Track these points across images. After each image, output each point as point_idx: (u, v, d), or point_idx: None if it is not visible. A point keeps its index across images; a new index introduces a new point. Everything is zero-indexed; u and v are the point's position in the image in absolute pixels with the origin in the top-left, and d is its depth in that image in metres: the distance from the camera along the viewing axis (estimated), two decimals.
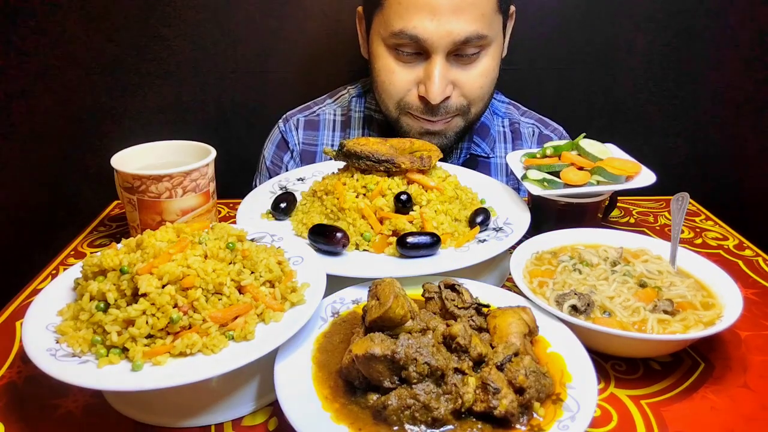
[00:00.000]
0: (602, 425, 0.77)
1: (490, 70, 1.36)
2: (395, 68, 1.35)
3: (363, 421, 0.69)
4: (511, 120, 1.62)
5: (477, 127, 1.55)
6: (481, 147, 1.56)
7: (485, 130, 1.57)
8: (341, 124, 1.59)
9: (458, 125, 1.41)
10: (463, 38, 1.26)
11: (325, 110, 1.61)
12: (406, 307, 0.76)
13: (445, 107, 1.36)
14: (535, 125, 1.62)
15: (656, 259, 1.03)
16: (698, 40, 1.89)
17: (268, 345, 0.73)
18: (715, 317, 0.88)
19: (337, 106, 1.61)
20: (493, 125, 1.59)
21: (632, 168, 1.15)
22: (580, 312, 0.88)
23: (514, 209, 1.16)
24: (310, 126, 1.60)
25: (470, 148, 1.56)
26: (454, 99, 1.36)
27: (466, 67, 1.34)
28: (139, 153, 1.16)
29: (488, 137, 1.57)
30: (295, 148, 1.59)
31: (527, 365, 0.72)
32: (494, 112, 1.62)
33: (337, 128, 1.59)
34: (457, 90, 1.35)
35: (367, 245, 1.02)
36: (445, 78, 1.31)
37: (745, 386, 0.84)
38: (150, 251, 0.80)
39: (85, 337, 0.73)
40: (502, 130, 1.61)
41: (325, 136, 1.59)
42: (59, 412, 0.78)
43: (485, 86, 1.38)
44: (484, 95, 1.39)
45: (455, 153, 1.55)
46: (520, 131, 1.61)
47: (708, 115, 1.98)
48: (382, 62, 1.37)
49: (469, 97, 1.37)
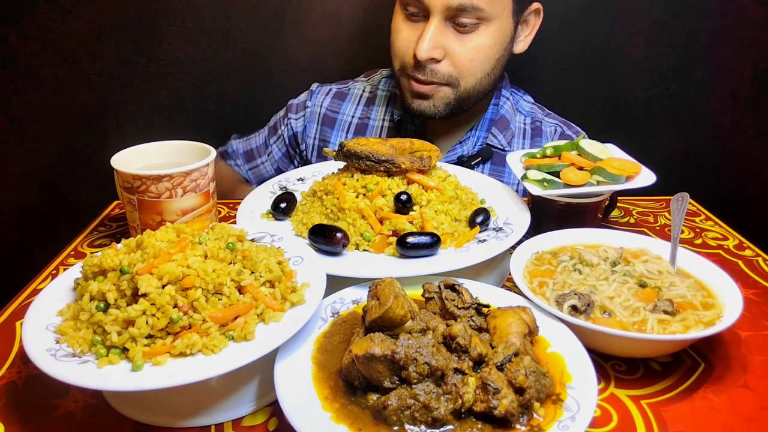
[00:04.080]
0: (602, 425, 0.77)
1: (485, 47, 1.40)
2: (401, 27, 1.44)
3: (363, 421, 0.69)
4: (533, 118, 1.64)
5: (497, 119, 1.58)
6: (498, 139, 1.57)
7: (505, 123, 1.59)
8: (366, 100, 1.68)
9: (447, 95, 1.44)
10: (456, 3, 1.32)
11: (356, 86, 1.71)
12: (406, 307, 0.76)
13: (432, 70, 1.40)
14: (558, 125, 1.63)
15: (656, 259, 1.03)
16: (698, 41, 1.89)
17: (268, 345, 0.73)
18: (715, 317, 0.88)
19: (368, 84, 1.70)
20: (514, 120, 1.61)
21: (632, 168, 1.15)
22: (580, 312, 0.88)
23: (514, 209, 1.16)
24: (338, 96, 1.69)
25: (487, 138, 1.57)
26: (444, 66, 1.40)
27: (461, 37, 1.38)
28: (139, 153, 1.16)
29: (507, 131, 1.59)
30: (313, 109, 1.67)
31: (527, 365, 0.72)
32: (518, 110, 1.64)
33: (362, 103, 1.67)
34: (448, 59, 1.40)
35: (367, 245, 1.02)
36: (435, 39, 1.36)
37: (745, 386, 0.84)
38: (150, 251, 0.80)
39: (85, 337, 0.73)
40: (522, 126, 1.62)
41: (348, 108, 1.67)
42: (59, 412, 0.78)
43: (476, 61, 1.41)
44: (475, 71, 1.42)
45: (471, 141, 1.57)
46: (542, 129, 1.62)
47: (708, 116, 1.98)
48: (394, 23, 1.47)
49: (458, 67, 1.41)
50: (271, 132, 1.74)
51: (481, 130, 1.57)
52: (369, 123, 1.65)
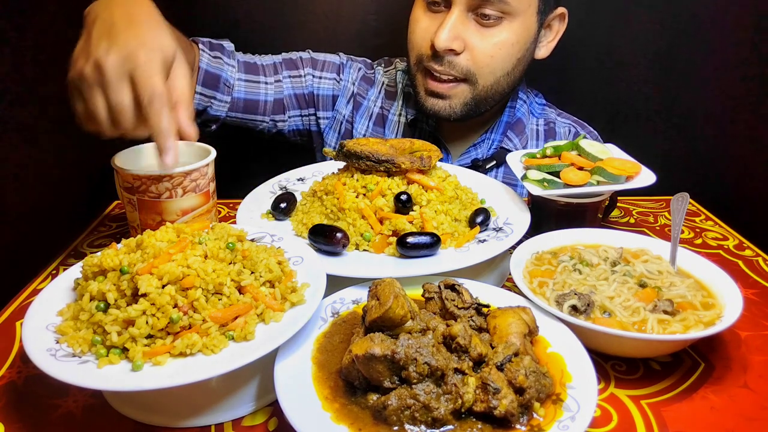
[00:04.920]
0: (602, 425, 0.77)
1: (507, 43, 1.36)
2: (421, 18, 1.40)
3: (363, 421, 0.69)
4: (546, 119, 1.62)
5: (513, 123, 1.56)
6: (513, 142, 1.56)
7: (520, 127, 1.57)
8: (386, 92, 1.63)
9: (465, 94, 1.41)
10: None
11: (379, 71, 1.66)
12: (406, 307, 0.76)
13: (450, 62, 1.36)
14: (571, 125, 1.62)
15: (656, 259, 1.03)
16: (698, 41, 1.89)
17: (268, 345, 0.73)
18: (715, 317, 0.88)
19: (386, 77, 1.66)
20: (528, 123, 1.59)
21: (632, 168, 1.15)
22: (580, 312, 0.88)
23: (514, 209, 1.16)
24: (366, 80, 1.64)
25: (502, 141, 1.56)
26: (462, 60, 1.36)
27: (483, 31, 1.35)
28: (139, 153, 1.16)
29: (522, 135, 1.57)
30: (346, 84, 1.62)
31: (527, 365, 0.72)
32: (531, 112, 1.62)
33: (383, 93, 1.63)
34: (468, 53, 1.36)
35: (367, 245, 1.02)
36: (456, 28, 1.32)
37: (745, 386, 0.85)
38: (150, 251, 0.80)
39: (85, 338, 0.73)
40: (535, 128, 1.60)
41: (373, 94, 1.63)
42: (59, 412, 0.78)
43: (497, 58, 1.37)
44: (494, 68, 1.38)
45: (485, 144, 1.55)
46: (556, 130, 1.60)
47: (708, 116, 1.98)
48: (413, 13, 1.43)
49: (477, 62, 1.37)
50: (288, 64, 1.58)
51: (496, 133, 1.55)
52: (389, 116, 1.61)
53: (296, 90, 1.58)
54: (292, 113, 1.60)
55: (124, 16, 0.94)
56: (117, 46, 0.88)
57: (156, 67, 0.89)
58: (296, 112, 1.61)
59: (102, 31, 0.92)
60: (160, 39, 0.93)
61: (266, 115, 1.55)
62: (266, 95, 1.53)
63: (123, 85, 0.88)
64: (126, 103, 0.88)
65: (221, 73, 1.45)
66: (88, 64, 0.89)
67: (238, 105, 1.50)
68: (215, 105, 1.47)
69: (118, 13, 0.94)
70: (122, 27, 0.92)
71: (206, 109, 1.46)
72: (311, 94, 1.60)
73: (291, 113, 1.60)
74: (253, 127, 1.57)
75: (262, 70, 1.54)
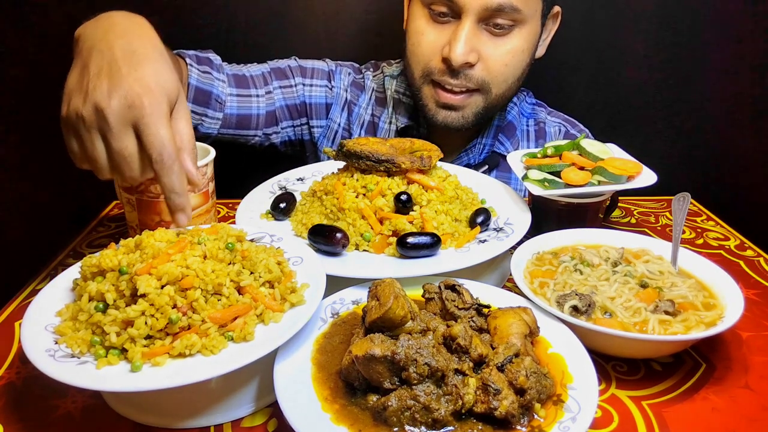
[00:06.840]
0: (603, 426, 0.76)
1: (519, 50, 1.35)
2: (425, 30, 1.35)
3: (363, 422, 0.69)
4: (536, 119, 1.61)
5: (504, 126, 1.55)
6: (505, 146, 1.55)
7: (512, 130, 1.56)
8: (377, 100, 1.60)
9: (478, 104, 1.39)
10: (496, 4, 1.25)
11: (368, 75, 1.63)
12: (406, 307, 0.75)
13: (465, 75, 1.34)
14: (561, 124, 1.61)
15: (657, 260, 1.03)
16: (698, 41, 1.89)
17: (267, 346, 0.73)
18: (717, 318, 0.87)
19: (375, 83, 1.62)
20: (519, 125, 1.58)
21: (633, 168, 1.15)
22: (581, 312, 0.88)
23: (514, 209, 1.16)
24: (356, 86, 1.61)
25: (494, 145, 1.54)
26: (477, 71, 1.34)
27: (496, 40, 1.32)
28: None
29: (513, 138, 1.56)
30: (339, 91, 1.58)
31: (528, 366, 0.71)
32: (521, 113, 1.60)
33: (373, 99, 1.60)
34: (482, 63, 1.34)
35: (367, 245, 1.02)
36: (471, 41, 1.29)
37: (746, 387, 0.84)
38: (149, 251, 0.79)
39: (83, 338, 0.73)
40: (526, 129, 1.59)
41: (364, 100, 1.60)
42: (58, 413, 0.78)
43: (510, 66, 1.36)
44: (507, 77, 1.37)
45: (477, 148, 1.54)
46: (545, 130, 1.59)
47: (709, 116, 1.98)
48: (415, 24, 1.37)
49: (492, 72, 1.35)
50: (277, 74, 1.54)
51: (487, 138, 1.54)
52: (379, 124, 1.58)
53: (288, 101, 1.55)
54: (285, 124, 1.57)
55: (126, 53, 0.86)
56: (120, 90, 0.81)
57: (163, 117, 0.83)
58: (289, 123, 1.58)
59: (101, 68, 0.85)
60: (165, 78, 0.86)
61: (258, 129, 1.52)
62: (258, 108, 1.50)
63: (127, 133, 0.82)
64: (131, 152, 0.83)
65: (212, 89, 1.40)
66: (86, 105, 0.83)
67: (230, 121, 1.46)
68: (206, 122, 1.42)
69: (119, 47, 0.86)
70: (123, 64, 0.84)
71: (197, 126, 1.41)
72: (303, 103, 1.57)
73: (284, 124, 1.57)
74: (245, 142, 1.53)
75: (252, 82, 1.50)
